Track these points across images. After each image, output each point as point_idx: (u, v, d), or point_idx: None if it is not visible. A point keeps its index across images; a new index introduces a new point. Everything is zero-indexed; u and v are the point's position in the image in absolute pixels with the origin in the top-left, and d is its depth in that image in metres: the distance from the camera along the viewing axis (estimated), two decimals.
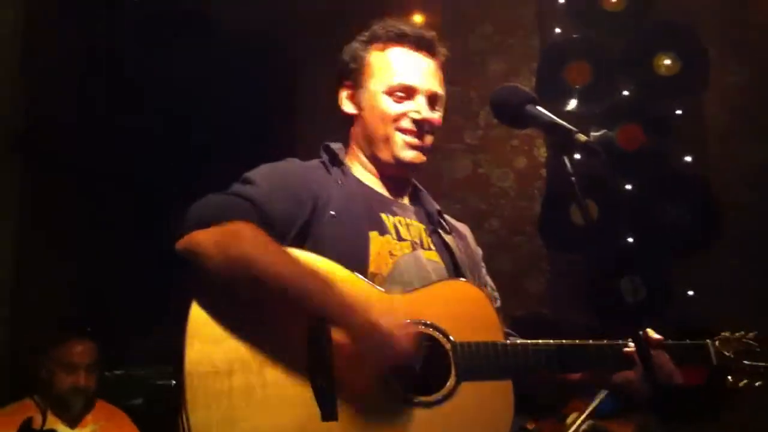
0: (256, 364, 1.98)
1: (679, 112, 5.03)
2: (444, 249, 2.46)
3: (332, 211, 2.27)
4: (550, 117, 2.17)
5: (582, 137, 2.09)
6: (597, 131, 4.94)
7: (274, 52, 5.53)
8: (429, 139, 2.48)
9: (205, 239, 2.06)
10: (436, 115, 2.49)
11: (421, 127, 2.44)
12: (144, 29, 5.67)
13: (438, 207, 2.60)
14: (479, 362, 2.17)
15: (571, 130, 2.11)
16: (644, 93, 5.03)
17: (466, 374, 2.14)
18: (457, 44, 5.42)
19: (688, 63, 4.98)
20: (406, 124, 2.43)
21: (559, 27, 5.26)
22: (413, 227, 2.42)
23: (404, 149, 2.43)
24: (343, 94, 2.53)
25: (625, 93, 5.04)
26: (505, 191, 5.44)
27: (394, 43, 2.50)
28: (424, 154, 2.47)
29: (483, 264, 2.62)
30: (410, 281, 2.26)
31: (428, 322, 2.16)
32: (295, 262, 2.06)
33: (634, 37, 5.06)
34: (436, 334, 2.15)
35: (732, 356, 2.47)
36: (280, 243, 2.13)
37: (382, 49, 2.50)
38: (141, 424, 4.51)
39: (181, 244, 2.08)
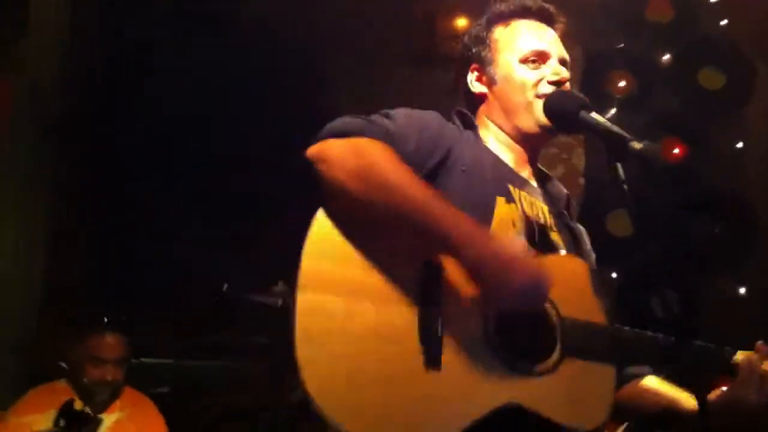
0: (367, 295, 1.93)
1: (721, 126, 4.99)
2: (567, 232, 2.42)
3: (463, 166, 2.23)
4: (605, 123, 2.17)
5: (637, 145, 2.09)
6: (639, 142, 4.90)
7: (299, 50, 5.53)
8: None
9: (339, 147, 2.03)
10: (567, 76, 2.46)
11: (561, 87, 2.41)
12: (174, 24, 5.69)
13: (567, 192, 2.58)
14: (586, 342, 2.11)
15: (625, 137, 2.11)
16: (687, 106, 4.99)
17: (571, 351, 2.08)
18: None
19: (732, 77, 4.94)
20: (545, 88, 2.38)
21: (604, 37, 5.23)
22: (536, 206, 2.35)
23: (542, 114, 2.36)
24: (471, 77, 2.51)
25: (668, 105, 5.00)
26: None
27: (517, 17, 2.51)
28: None
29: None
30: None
31: (541, 288, 2.03)
32: (424, 186, 2.00)
33: (678, 49, 5.02)
34: (548, 307, 2.09)
35: None
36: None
37: (507, 24, 2.51)
38: (166, 412, 4.52)
39: (314, 149, 2.06)
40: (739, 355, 2.27)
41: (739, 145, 5.02)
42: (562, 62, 2.46)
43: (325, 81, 5.70)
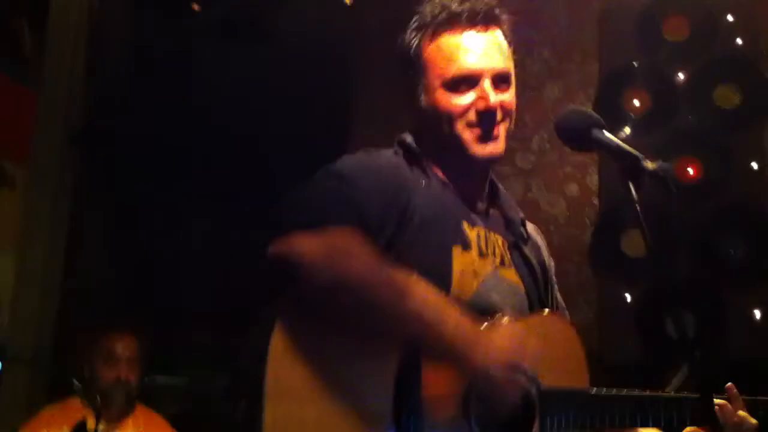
0: (339, 401, 1.86)
1: (738, 144, 4.94)
2: (524, 265, 2.31)
3: (419, 217, 2.11)
4: (617, 142, 2.14)
5: (650, 164, 2.08)
6: (654, 161, 4.86)
7: (330, 61, 5.53)
8: (504, 126, 2.29)
9: (310, 248, 1.88)
10: (506, 96, 2.29)
11: (490, 116, 2.24)
12: (203, 36, 5.71)
13: (521, 214, 2.45)
14: (566, 412, 2.05)
15: (638, 156, 2.09)
16: (704, 124, 4.94)
17: (552, 423, 2.03)
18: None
19: (749, 95, 4.90)
20: (472, 117, 2.23)
21: (620, 54, 5.20)
22: (492, 240, 2.26)
23: (475, 145, 2.24)
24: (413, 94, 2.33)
25: (685, 124, 4.96)
26: (555, 217, 5.38)
27: (444, 29, 2.27)
28: (501, 145, 2.28)
29: (555, 279, 2.47)
30: (493, 308, 2.11)
31: (516, 364, 2.02)
32: (406, 286, 1.91)
33: (695, 67, 4.98)
34: (523, 380, 2.03)
35: None
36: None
37: (432, 39, 2.28)
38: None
39: (281, 249, 1.90)
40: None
41: (755, 165, 4.96)
42: (498, 77, 2.28)
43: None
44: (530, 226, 2.48)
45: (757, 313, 4.68)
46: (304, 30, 5.42)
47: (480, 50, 2.25)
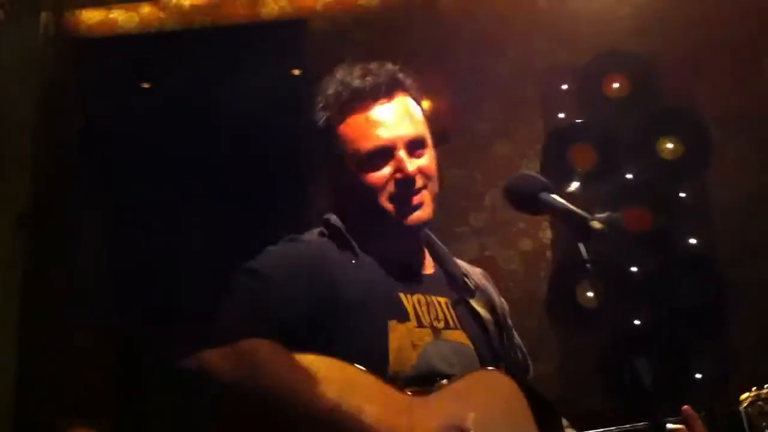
0: None
1: (683, 194, 5.10)
2: (472, 320, 2.28)
3: (347, 298, 2.07)
4: (565, 204, 2.19)
5: (597, 224, 2.11)
6: (602, 213, 4.99)
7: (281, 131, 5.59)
8: (427, 191, 2.24)
9: (216, 359, 1.87)
10: (423, 161, 2.23)
11: (410, 184, 2.20)
12: (152, 116, 5.75)
13: (462, 269, 2.39)
14: None
15: (585, 217, 2.14)
16: (648, 176, 5.10)
17: None
18: (462, 126, 5.56)
19: (690, 145, 5.06)
20: (392, 188, 2.19)
21: (563, 111, 5.36)
22: (433, 305, 2.22)
23: (402, 216, 2.20)
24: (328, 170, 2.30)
25: (629, 176, 5.11)
26: (513, 273, 5.46)
27: (350, 108, 2.23)
28: (427, 210, 2.23)
29: (510, 322, 2.43)
30: (436, 376, 2.10)
31: (459, 425, 1.99)
32: (315, 387, 1.87)
33: (637, 121, 5.14)
34: None
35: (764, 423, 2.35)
36: (293, 340, 1.94)
37: (341, 121, 2.23)
38: None
39: (189, 364, 1.90)
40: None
41: (701, 210, 5.13)
42: (412, 143, 2.22)
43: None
44: (476, 272, 2.46)
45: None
46: (254, 104, 5.48)
47: (390, 121, 2.21)
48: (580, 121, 5.21)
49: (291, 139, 5.39)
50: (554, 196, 2.22)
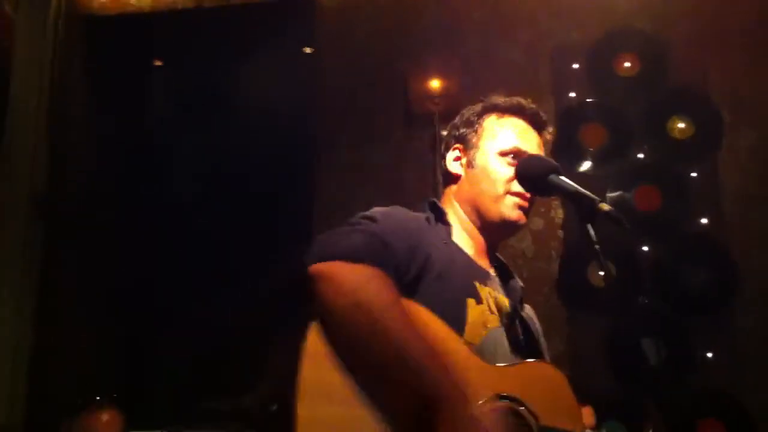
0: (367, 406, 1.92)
1: (693, 174, 5.10)
2: (522, 327, 2.47)
3: (438, 269, 2.24)
4: (574, 186, 2.23)
5: (605, 206, 2.14)
6: (613, 192, 5.00)
7: (296, 129, 5.61)
8: (531, 204, 2.49)
9: (344, 272, 2.00)
10: None
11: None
12: (169, 101, 5.77)
13: (522, 284, 2.62)
14: None
15: (594, 199, 2.16)
16: (659, 155, 5.10)
17: None
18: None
19: (701, 126, 5.06)
20: (516, 187, 2.43)
21: (574, 91, 5.35)
22: (500, 301, 2.40)
23: (512, 209, 2.44)
24: (451, 155, 2.59)
25: (640, 156, 5.11)
26: (523, 252, 5.48)
27: (510, 113, 2.57)
28: (526, 217, 2.48)
29: (546, 353, 2.60)
30: (495, 357, 2.23)
31: (521, 399, 2.10)
32: (416, 332, 1.97)
33: (648, 101, 5.14)
34: (526, 414, 2.11)
35: None
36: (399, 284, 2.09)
37: (499, 117, 2.57)
38: None
39: (321, 268, 2.01)
40: None
41: (711, 192, 5.13)
42: None
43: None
44: (528, 308, 2.63)
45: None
46: (263, 83, 5.49)
47: (533, 141, 2.54)
48: (590, 100, 5.19)
49: (302, 115, 5.42)
50: (563, 177, 2.27)
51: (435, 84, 5.30)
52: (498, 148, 2.49)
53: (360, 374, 1.94)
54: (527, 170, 2.34)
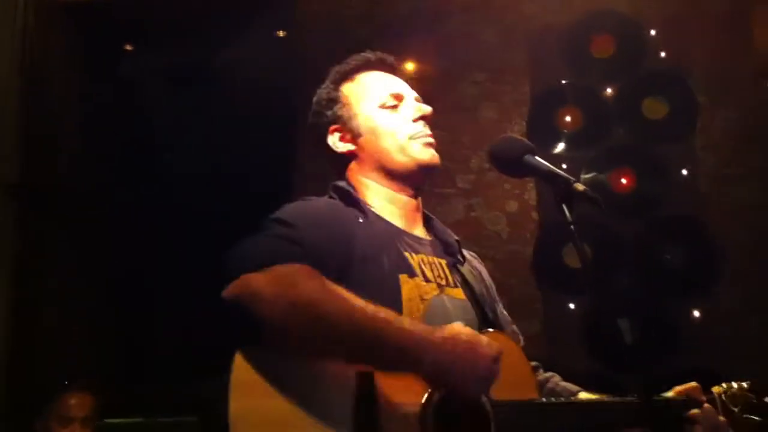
0: (301, 426, 1.89)
1: (669, 155, 5.12)
2: (465, 285, 2.39)
3: (360, 251, 2.18)
4: (548, 167, 2.19)
5: (580, 186, 2.10)
6: (588, 174, 5.01)
7: (277, 100, 5.58)
8: (433, 138, 2.47)
9: (259, 282, 1.92)
10: (428, 109, 2.49)
11: (425, 122, 2.45)
12: (143, 83, 5.73)
13: (456, 237, 2.52)
14: (521, 423, 2.06)
15: (569, 179, 2.13)
16: (634, 137, 5.11)
17: None
18: (449, 90, 5.58)
19: (676, 107, 5.07)
20: (412, 128, 2.42)
21: (550, 73, 5.36)
22: (435, 265, 2.34)
23: (422, 151, 2.41)
24: (333, 138, 2.48)
25: (616, 137, 5.12)
26: (498, 234, 5.50)
27: (360, 71, 2.54)
28: (437, 153, 2.44)
29: (498, 298, 2.54)
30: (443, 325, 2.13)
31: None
32: (359, 303, 1.94)
33: (623, 82, 5.15)
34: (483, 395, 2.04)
35: (737, 411, 2.32)
36: None
37: (353, 80, 2.53)
38: None
39: (233, 289, 1.93)
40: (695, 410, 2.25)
41: (685, 172, 5.16)
42: (418, 100, 2.51)
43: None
44: (468, 254, 2.56)
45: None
46: (245, 68, 5.46)
47: (398, 81, 2.55)
48: (566, 82, 5.20)
49: (278, 99, 5.39)
50: (538, 158, 2.23)
51: (409, 66, 5.29)
52: (375, 103, 2.47)
53: (339, 357, 1.93)
54: (501, 151, 2.27)
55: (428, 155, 2.41)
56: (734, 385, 2.34)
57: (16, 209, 5.37)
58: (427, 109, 2.48)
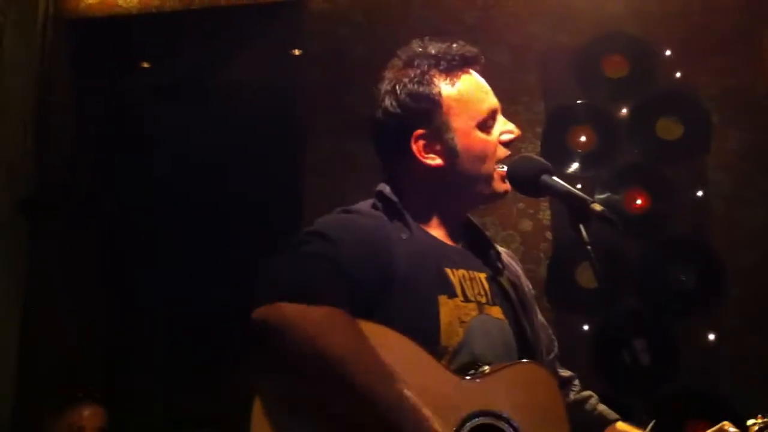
0: None
1: (681, 175, 5.11)
2: (504, 299, 2.28)
3: (402, 273, 2.07)
4: (566, 186, 2.21)
5: (597, 207, 2.12)
6: (601, 194, 5.01)
7: (279, 111, 5.60)
8: None
9: (294, 318, 1.85)
10: (518, 132, 2.33)
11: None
12: (152, 95, 5.76)
13: (496, 247, 2.40)
14: None
15: (586, 199, 2.14)
16: (648, 157, 5.11)
17: None
18: None
19: (690, 127, 5.07)
20: (501, 152, 2.27)
21: (563, 93, 5.36)
22: (476, 281, 2.23)
23: (500, 184, 2.27)
24: (417, 146, 2.23)
25: (630, 157, 5.12)
26: (513, 254, 5.48)
27: (459, 70, 2.28)
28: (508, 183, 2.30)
29: (534, 302, 2.46)
30: (482, 352, 2.12)
31: (498, 413, 2.01)
32: (382, 376, 1.87)
33: (636, 102, 5.15)
34: (504, 427, 2.02)
35: None
36: (356, 306, 1.96)
37: (453, 81, 2.26)
38: None
39: (265, 313, 1.87)
40: None
41: (699, 193, 5.14)
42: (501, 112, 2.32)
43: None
44: (504, 253, 2.48)
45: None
46: (251, 86, 5.48)
47: (489, 88, 2.32)
48: (580, 102, 5.20)
49: (290, 116, 5.41)
50: (555, 178, 2.23)
51: None
52: (474, 120, 2.24)
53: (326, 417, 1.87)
54: (519, 171, 2.26)
55: (504, 188, 2.29)
56: (760, 421, 2.29)
57: (30, 225, 5.40)
58: (517, 133, 2.32)
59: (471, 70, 2.30)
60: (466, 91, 2.26)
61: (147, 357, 5.62)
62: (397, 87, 2.25)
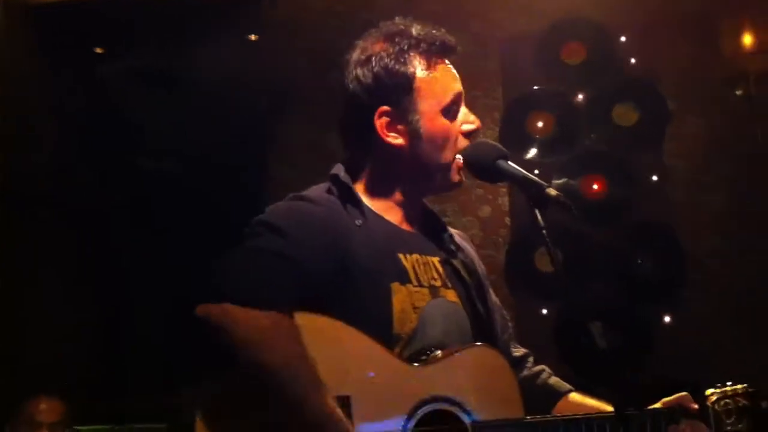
0: None
1: (639, 161, 5.16)
2: (458, 281, 2.29)
3: (356, 262, 2.08)
4: (522, 172, 2.20)
5: (553, 192, 2.11)
6: (559, 180, 5.03)
7: (247, 100, 5.57)
8: None
9: (237, 322, 1.86)
10: (478, 123, 2.32)
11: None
12: (115, 84, 5.70)
13: (449, 230, 2.42)
14: None
15: (541, 184, 2.13)
16: (605, 143, 5.14)
17: None
18: None
19: (646, 113, 5.11)
20: (461, 143, 2.25)
21: (522, 80, 5.37)
22: (429, 265, 2.24)
23: (456, 174, 2.27)
24: (381, 122, 2.21)
25: (587, 143, 5.15)
26: (471, 239, 5.49)
27: (436, 56, 2.25)
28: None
29: (488, 282, 2.46)
30: (435, 337, 2.14)
31: (451, 398, 2.04)
32: (317, 388, 1.87)
33: (594, 88, 5.18)
34: (456, 411, 2.04)
35: (730, 422, 2.25)
36: (307, 297, 1.96)
37: (428, 65, 2.23)
38: None
39: (209, 311, 1.88)
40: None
41: (654, 178, 5.19)
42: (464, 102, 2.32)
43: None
44: (458, 235, 2.49)
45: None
46: (217, 71, 5.44)
47: (457, 75, 2.31)
48: (538, 88, 5.22)
49: (249, 102, 5.38)
50: (511, 163, 2.22)
51: None
52: (439, 105, 2.23)
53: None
54: (476, 156, 2.25)
55: (457, 178, 2.29)
56: (728, 388, 2.28)
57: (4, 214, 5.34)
58: (478, 124, 2.31)
59: (446, 60, 2.29)
60: (438, 76, 2.25)
61: (115, 352, 5.57)
62: (373, 59, 2.23)
